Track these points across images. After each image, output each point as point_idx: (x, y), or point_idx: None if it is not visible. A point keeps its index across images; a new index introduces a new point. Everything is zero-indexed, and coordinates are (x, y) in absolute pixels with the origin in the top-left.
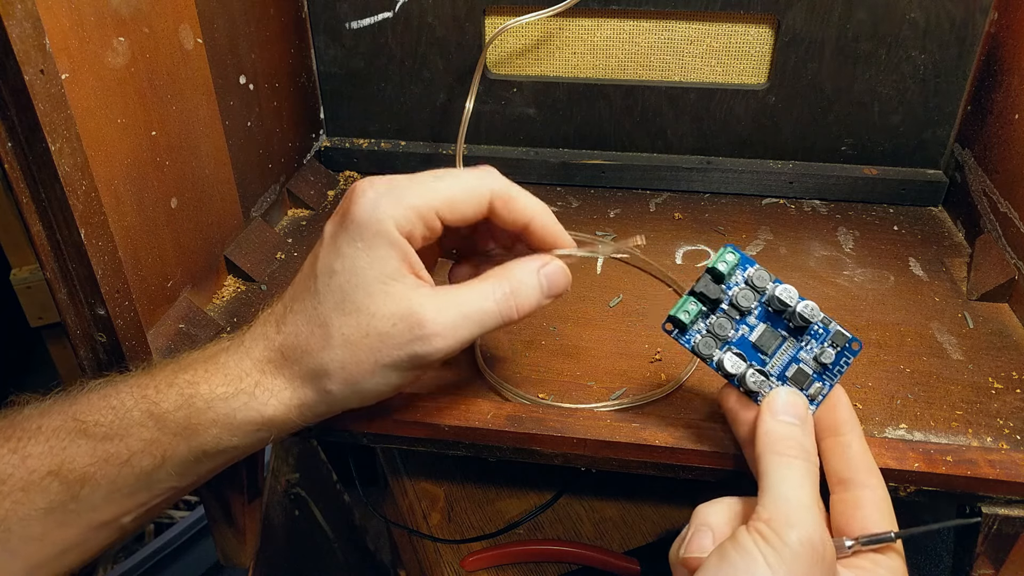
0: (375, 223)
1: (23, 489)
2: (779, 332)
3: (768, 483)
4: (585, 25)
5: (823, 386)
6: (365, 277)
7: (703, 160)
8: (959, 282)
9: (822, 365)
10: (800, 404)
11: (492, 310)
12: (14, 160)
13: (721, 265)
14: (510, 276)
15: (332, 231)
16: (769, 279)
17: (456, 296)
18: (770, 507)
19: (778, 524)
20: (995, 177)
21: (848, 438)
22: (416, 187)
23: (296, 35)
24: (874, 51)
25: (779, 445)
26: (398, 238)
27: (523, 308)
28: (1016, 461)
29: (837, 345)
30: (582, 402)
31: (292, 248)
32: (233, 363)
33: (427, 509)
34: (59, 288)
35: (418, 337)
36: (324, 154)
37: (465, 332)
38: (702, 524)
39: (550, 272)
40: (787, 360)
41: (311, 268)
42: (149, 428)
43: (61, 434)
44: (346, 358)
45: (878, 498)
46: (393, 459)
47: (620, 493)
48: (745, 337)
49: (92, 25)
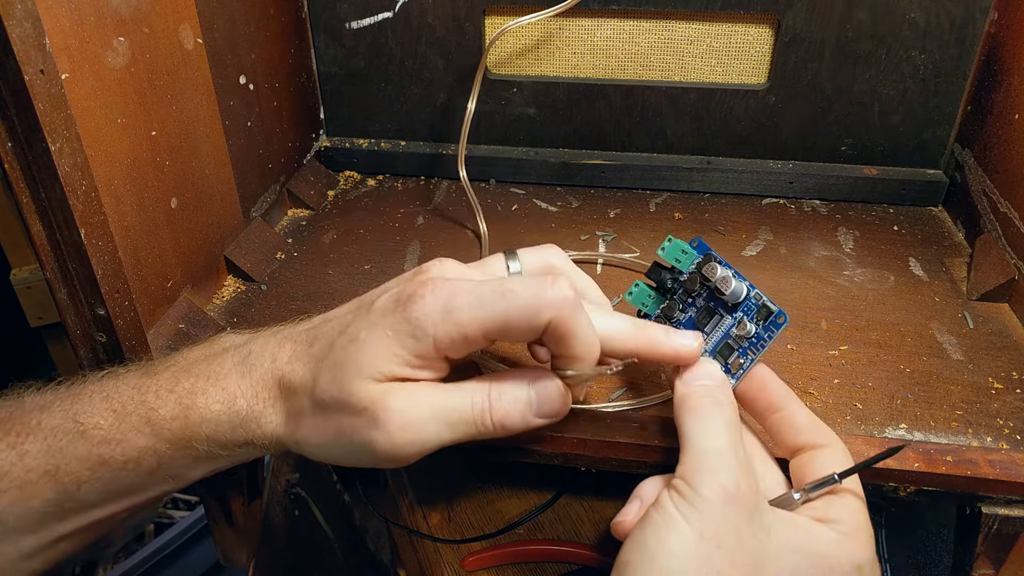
0: (416, 324)
1: (19, 487)
2: (715, 310)
3: (684, 440)
4: (585, 25)
5: (744, 360)
6: (366, 360)
7: (703, 160)
8: (959, 282)
9: (744, 339)
10: (713, 370)
11: (466, 413)
12: (14, 160)
13: (664, 256)
14: (495, 382)
15: (383, 307)
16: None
17: (432, 392)
18: (685, 461)
19: (691, 475)
20: (995, 177)
21: (789, 409)
22: (476, 307)
23: (296, 35)
24: (874, 51)
25: (690, 401)
26: (426, 351)
27: (503, 420)
28: (1016, 461)
29: (761, 319)
30: (582, 402)
31: (292, 248)
32: (232, 384)
33: (427, 509)
34: (59, 288)
35: (375, 424)
36: (324, 154)
37: (435, 430)
38: (635, 496)
39: (542, 389)
40: (720, 336)
41: (342, 324)
42: (145, 435)
43: (59, 434)
44: (314, 423)
45: (833, 452)
46: None
47: (620, 493)
48: (691, 318)
49: (92, 25)
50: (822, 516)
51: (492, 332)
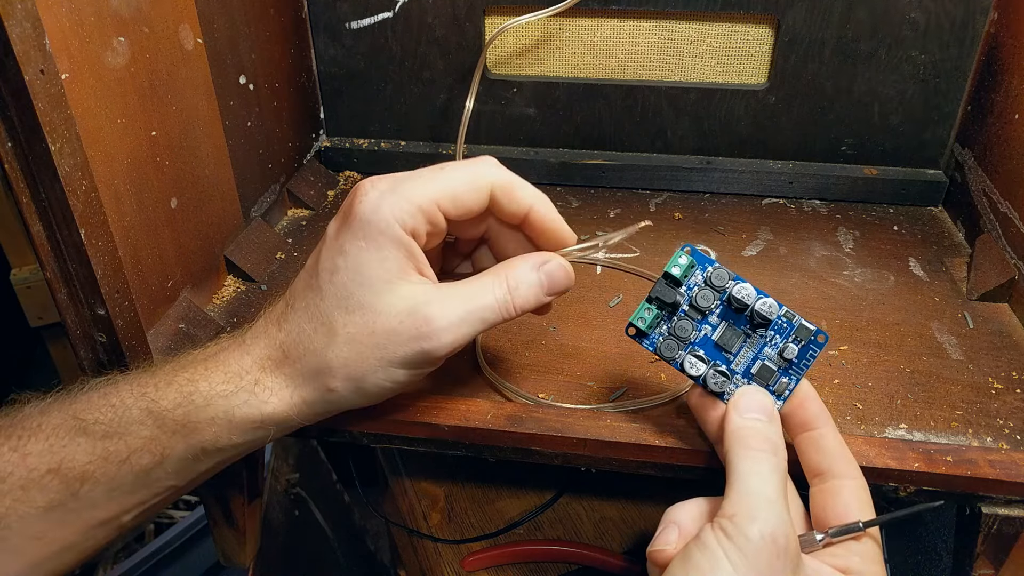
0: (379, 221)
1: (23, 487)
2: (741, 329)
3: (733, 478)
4: (585, 25)
5: (789, 381)
6: (370, 275)
7: (703, 160)
8: (959, 282)
9: (787, 360)
10: (766, 401)
11: (492, 306)
12: (14, 160)
13: (675, 269)
14: (509, 272)
15: (335, 230)
16: (728, 277)
17: (458, 292)
18: (735, 501)
19: (740, 519)
20: (995, 177)
21: (822, 431)
22: (418, 182)
23: (296, 35)
24: (874, 51)
25: (746, 440)
26: (402, 235)
27: (521, 305)
28: (1016, 461)
29: (801, 339)
30: (582, 402)
31: (292, 248)
32: (233, 361)
33: (427, 509)
34: (59, 288)
35: (424, 334)
36: (324, 154)
37: (468, 328)
38: (670, 521)
39: (550, 270)
40: (751, 357)
41: (313, 266)
42: (148, 426)
43: (61, 432)
44: (350, 355)
45: (856, 487)
46: (393, 459)
47: (620, 493)
48: (708, 337)
49: (92, 25)
50: (844, 566)
51: (445, 203)
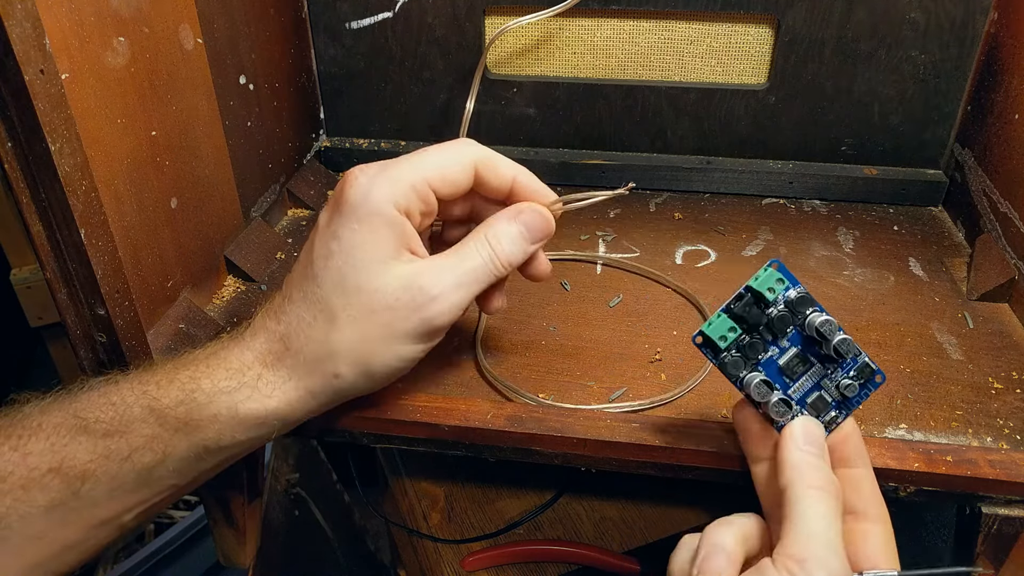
0: (372, 203)
1: (23, 487)
2: (808, 358)
3: (796, 515)
4: (585, 25)
5: (838, 415)
6: (363, 257)
7: (703, 160)
8: (959, 282)
9: (843, 395)
10: (819, 435)
11: (480, 266)
12: (14, 160)
13: (768, 292)
14: (488, 231)
15: (327, 218)
16: (811, 304)
17: (447, 260)
18: (801, 543)
19: (811, 565)
20: (995, 177)
21: (861, 471)
22: (405, 164)
23: (296, 35)
24: (874, 51)
25: (808, 476)
26: (395, 215)
27: (509, 258)
28: (1016, 461)
29: (862, 378)
30: (582, 402)
31: (292, 248)
32: (235, 357)
33: (427, 509)
34: (59, 288)
35: (421, 304)
36: (324, 154)
37: (464, 292)
38: (715, 544)
39: (527, 219)
40: (810, 386)
41: (307, 255)
42: (150, 424)
43: (62, 431)
44: (355, 337)
45: (885, 533)
46: (393, 459)
47: (620, 493)
48: (773, 359)
49: (92, 25)
50: None
51: (435, 181)
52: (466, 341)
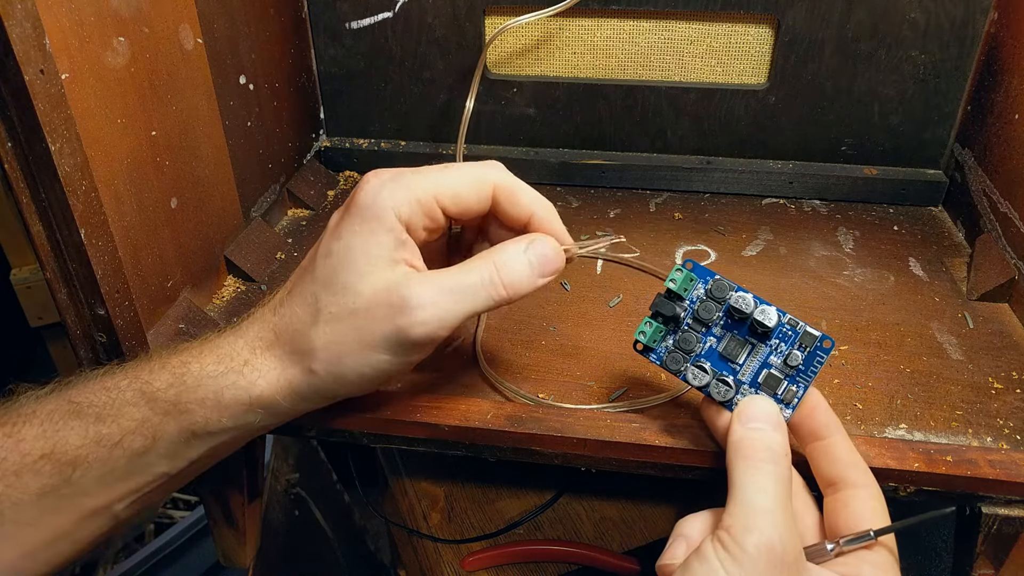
0: (375, 207)
1: (16, 473)
2: (746, 339)
3: (733, 489)
4: (585, 25)
5: (797, 389)
6: (356, 258)
7: (703, 160)
8: (959, 282)
9: (793, 368)
10: (770, 409)
11: (476, 285)
12: (14, 160)
13: (672, 283)
14: (495, 254)
15: (336, 219)
16: (729, 288)
17: (439, 275)
18: (733, 513)
19: (737, 530)
20: (995, 177)
21: (832, 440)
22: (419, 176)
23: (296, 35)
24: (874, 51)
25: (745, 450)
26: (395, 223)
27: (512, 285)
28: (1016, 461)
29: (806, 346)
30: (582, 402)
31: (292, 248)
32: (226, 344)
33: (427, 509)
34: (59, 288)
35: (399, 310)
36: (324, 154)
37: (450, 306)
38: (679, 534)
39: (538, 250)
40: (758, 366)
41: (312, 253)
42: (140, 407)
43: (55, 417)
44: (331, 336)
45: (868, 496)
46: (393, 459)
47: (620, 493)
48: (713, 348)
49: (92, 25)
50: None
51: (445, 199)
52: (466, 341)
